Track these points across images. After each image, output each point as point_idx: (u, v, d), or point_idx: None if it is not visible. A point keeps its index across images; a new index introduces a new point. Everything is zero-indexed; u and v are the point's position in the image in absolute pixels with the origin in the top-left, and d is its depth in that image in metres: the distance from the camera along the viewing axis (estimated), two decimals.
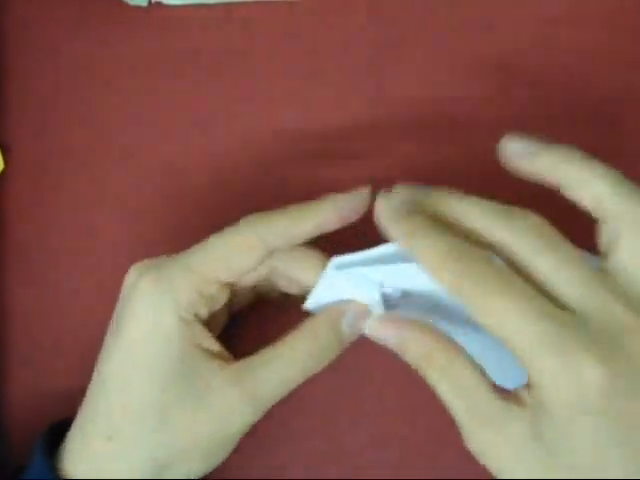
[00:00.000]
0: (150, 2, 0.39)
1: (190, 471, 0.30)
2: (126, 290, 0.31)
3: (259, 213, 0.30)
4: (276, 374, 0.29)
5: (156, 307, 0.30)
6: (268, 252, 0.30)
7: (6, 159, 0.38)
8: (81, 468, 0.30)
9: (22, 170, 0.38)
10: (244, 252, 0.30)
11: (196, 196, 0.38)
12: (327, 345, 0.30)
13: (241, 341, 0.34)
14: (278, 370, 0.29)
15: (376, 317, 0.30)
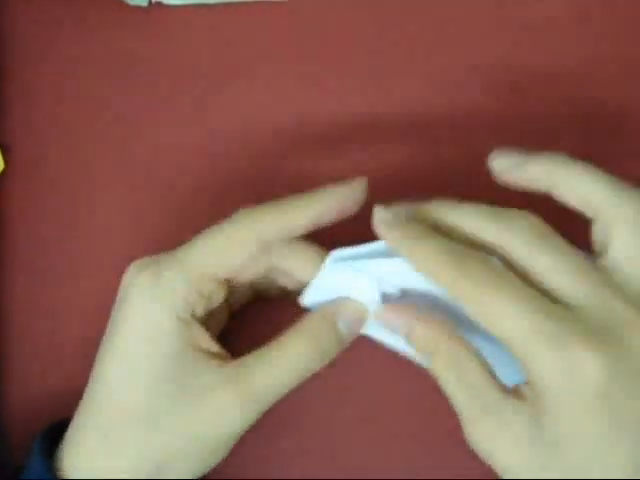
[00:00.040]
0: (150, 2, 0.39)
1: (188, 471, 0.30)
2: (123, 288, 0.31)
3: (252, 207, 0.30)
4: (274, 375, 0.29)
5: (152, 307, 0.30)
6: (261, 246, 0.30)
7: (6, 159, 0.38)
8: (78, 468, 0.30)
9: (22, 170, 0.38)
10: (236, 246, 0.30)
11: (196, 196, 0.38)
12: (326, 346, 0.30)
13: (241, 341, 0.33)
14: (276, 370, 0.29)
15: (382, 308, 0.30)
